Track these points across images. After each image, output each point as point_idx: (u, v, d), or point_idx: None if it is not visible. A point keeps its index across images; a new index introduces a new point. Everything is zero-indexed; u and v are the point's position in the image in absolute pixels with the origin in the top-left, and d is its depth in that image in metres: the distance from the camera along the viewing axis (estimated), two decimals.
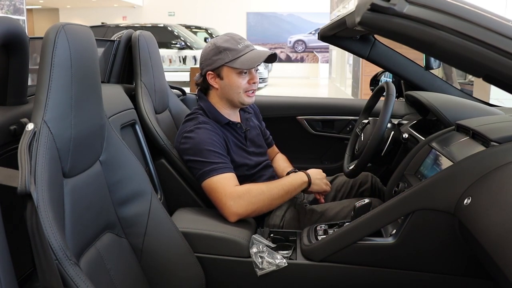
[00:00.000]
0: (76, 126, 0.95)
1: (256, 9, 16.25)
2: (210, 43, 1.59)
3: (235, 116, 1.65)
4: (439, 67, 2.78)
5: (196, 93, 1.69)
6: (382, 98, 1.63)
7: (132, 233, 1.16)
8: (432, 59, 1.65)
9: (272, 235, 1.42)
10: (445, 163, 1.24)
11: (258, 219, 1.61)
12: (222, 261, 1.33)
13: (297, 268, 1.29)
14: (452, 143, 1.32)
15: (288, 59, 16.54)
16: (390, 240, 1.21)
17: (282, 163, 1.85)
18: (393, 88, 1.57)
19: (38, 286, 0.74)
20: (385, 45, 1.94)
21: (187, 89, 2.38)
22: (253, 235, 1.37)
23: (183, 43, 9.50)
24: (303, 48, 16.47)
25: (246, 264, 1.31)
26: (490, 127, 1.21)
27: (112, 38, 1.86)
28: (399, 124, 1.94)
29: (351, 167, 1.60)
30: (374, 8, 0.96)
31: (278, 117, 2.24)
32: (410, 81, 1.95)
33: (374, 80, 2.32)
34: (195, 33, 11.16)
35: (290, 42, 16.44)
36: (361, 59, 5.39)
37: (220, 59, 1.53)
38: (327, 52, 15.46)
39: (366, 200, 1.30)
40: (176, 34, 9.65)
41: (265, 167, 1.69)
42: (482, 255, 0.93)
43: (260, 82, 9.74)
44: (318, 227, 1.39)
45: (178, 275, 1.24)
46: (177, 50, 9.44)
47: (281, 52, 16.47)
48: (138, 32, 1.79)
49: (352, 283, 1.26)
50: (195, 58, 9.19)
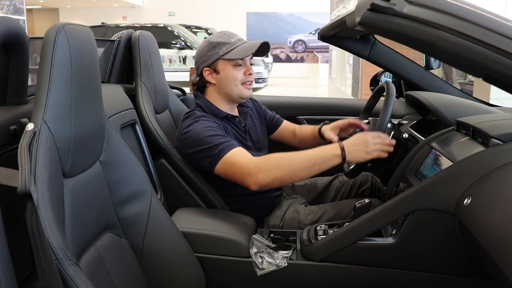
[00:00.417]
0: (76, 126, 0.95)
1: (256, 9, 16.25)
2: (204, 41, 1.61)
3: (234, 111, 1.65)
4: (439, 67, 2.78)
5: (193, 93, 1.70)
6: (382, 98, 1.63)
7: (132, 233, 1.16)
8: (432, 59, 1.65)
9: (272, 235, 1.42)
10: (445, 163, 1.24)
11: (258, 219, 1.61)
12: (222, 261, 1.33)
13: (297, 268, 1.29)
14: (452, 143, 1.32)
15: (288, 59, 16.54)
16: (390, 240, 1.21)
17: (308, 128, 1.81)
18: (393, 88, 1.57)
19: (38, 286, 0.74)
20: (385, 45, 1.94)
21: (187, 89, 2.38)
22: (253, 235, 1.37)
23: (183, 43, 9.50)
24: (303, 48, 16.47)
25: (246, 264, 1.31)
26: (491, 124, 1.21)
27: (112, 38, 1.86)
28: (399, 124, 1.94)
29: (351, 167, 1.60)
30: (374, 8, 0.96)
31: None
32: (410, 81, 1.95)
33: (374, 80, 2.32)
34: (195, 33, 11.16)
35: (290, 42, 16.44)
36: (361, 59, 5.39)
37: (215, 53, 1.55)
38: (327, 52, 15.46)
39: (366, 200, 1.30)
40: (176, 34, 9.64)
41: None
42: (482, 255, 0.93)
43: (260, 82, 9.74)
44: (318, 227, 1.39)
45: (178, 275, 1.24)
46: (177, 50, 9.44)
47: (281, 52, 16.46)
48: (138, 32, 1.80)
49: (352, 283, 1.26)
50: (197, 55, 9.16)
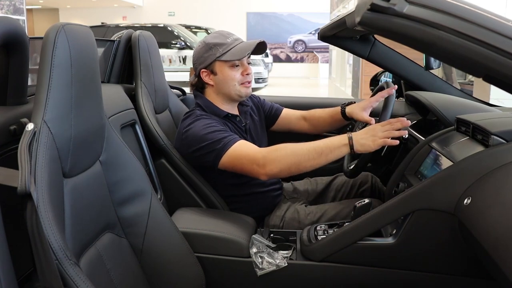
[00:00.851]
0: (76, 126, 0.95)
1: (256, 9, 16.25)
2: (200, 42, 1.61)
3: (234, 110, 1.65)
4: (439, 67, 2.78)
5: (193, 92, 1.69)
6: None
7: (132, 233, 1.16)
8: (432, 59, 1.65)
9: (272, 235, 1.42)
10: (445, 163, 1.24)
11: (258, 219, 1.61)
12: (222, 261, 1.33)
13: (297, 268, 1.29)
14: (452, 143, 1.31)
15: (288, 59, 16.54)
16: (390, 240, 1.21)
17: (323, 111, 1.79)
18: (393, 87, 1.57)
19: (38, 286, 0.74)
20: (385, 45, 1.94)
21: (187, 89, 2.38)
22: (253, 235, 1.37)
23: (183, 43, 9.50)
24: (303, 48, 16.47)
25: (246, 264, 1.31)
26: (491, 122, 1.21)
27: (112, 38, 1.86)
28: None
29: (351, 167, 1.60)
30: (374, 8, 0.96)
31: None
32: (410, 81, 1.95)
33: (374, 80, 2.32)
34: (195, 33, 11.16)
35: (290, 42, 16.44)
36: (361, 59, 5.39)
37: (211, 55, 1.55)
38: (327, 52, 15.46)
39: (366, 200, 1.30)
40: (176, 34, 9.64)
41: None
42: (482, 255, 0.93)
43: (260, 82, 9.73)
44: (318, 227, 1.39)
45: (178, 275, 1.24)
46: (177, 50, 9.44)
47: (281, 52, 16.46)
48: (138, 32, 1.80)
49: (352, 283, 1.26)
50: (193, 56, 9.16)
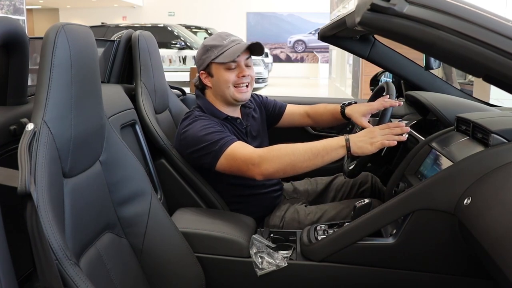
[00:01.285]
0: (76, 126, 0.95)
1: (256, 9, 16.24)
2: (201, 44, 1.62)
3: (235, 113, 1.65)
4: (439, 67, 2.78)
5: (195, 92, 1.70)
6: None
7: (132, 233, 1.16)
8: (432, 59, 1.65)
9: (272, 235, 1.42)
10: (445, 163, 1.24)
11: (258, 219, 1.61)
12: (222, 261, 1.33)
13: (297, 268, 1.29)
14: (452, 143, 1.31)
15: (288, 59, 16.53)
16: (390, 240, 1.21)
17: (325, 107, 1.78)
18: (393, 88, 1.57)
19: (38, 286, 0.74)
20: (385, 45, 1.94)
21: (187, 89, 2.38)
22: (253, 235, 1.37)
23: (183, 43, 9.50)
24: (303, 48, 16.47)
25: (246, 264, 1.31)
26: (491, 120, 1.21)
27: (112, 38, 1.86)
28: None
29: (351, 167, 1.60)
30: (374, 8, 0.96)
31: None
32: (410, 81, 1.95)
33: (374, 80, 2.32)
34: (195, 33, 11.16)
35: (290, 42, 16.44)
36: (361, 59, 5.39)
37: (208, 57, 1.56)
38: (327, 52, 15.46)
39: (366, 200, 1.30)
40: (176, 34, 9.64)
41: None
42: (482, 255, 0.93)
43: (260, 82, 9.74)
44: (318, 227, 1.39)
45: (178, 275, 1.24)
46: (177, 50, 9.44)
47: (281, 52, 16.46)
48: (138, 32, 1.80)
49: (352, 283, 1.26)
50: (195, 58, 9.18)
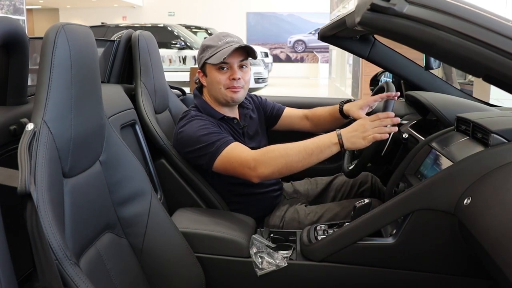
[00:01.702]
0: (76, 126, 0.95)
1: (256, 9, 16.25)
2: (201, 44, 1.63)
3: (232, 113, 1.64)
4: (439, 67, 2.78)
5: (193, 92, 1.70)
6: None
7: (132, 233, 1.16)
8: (432, 59, 1.65)
9: (272, 235, 1.42)
10: (445, 163, 1.24)
11: (258, 219, 1.61)
12: (222, 261, 1.33)
13: (297, 268, 1.29)
14: (452, 143, 1.32)
15: (288, 59, 16.54)
16: (390, 240, 1.21)
17: (323, 110, 1.78)
18: (393, 88, 1.57)
19: (38, 286, 0.74)
20: (385, 45, 1.94)
21: (187, 89, 2.38)
22: (253, 235, 1.37)
23: (183, 43, 9.49)
24: (303, 48, 16.47)
25: (246, 264, 1.31)
26: (491, 120, 1.21)
27: (112, 38, 1.86)
28: (399, 124, 1.94)
29: (351, 167, 1.60)
30: (374, 8, 0.96)
31: None
32: (410, 81, 1.95)
33: (374, 80, 2.32)
34: (195, 33, 11.15)
35: (290, 42, 16.44)
36: (361, 59, 5.39)
37: (203, 57, 1.57)
38: (327, 52, 15.46)
39: (366, 200, 1.30)
40: (176, 34, 9.64)
41: None
42: (482, 255, 0.93)
43: (260, 82, 9.72)
44: (318, 227, 1.39)
45: (178, 275, 1.24)
46: (177, 50, 9.44)
47: (281, 52, 16.47)
48: (138, 32, 1.80)
49: (352, 283, 1.26)
50: (195, 58, 9.19)
